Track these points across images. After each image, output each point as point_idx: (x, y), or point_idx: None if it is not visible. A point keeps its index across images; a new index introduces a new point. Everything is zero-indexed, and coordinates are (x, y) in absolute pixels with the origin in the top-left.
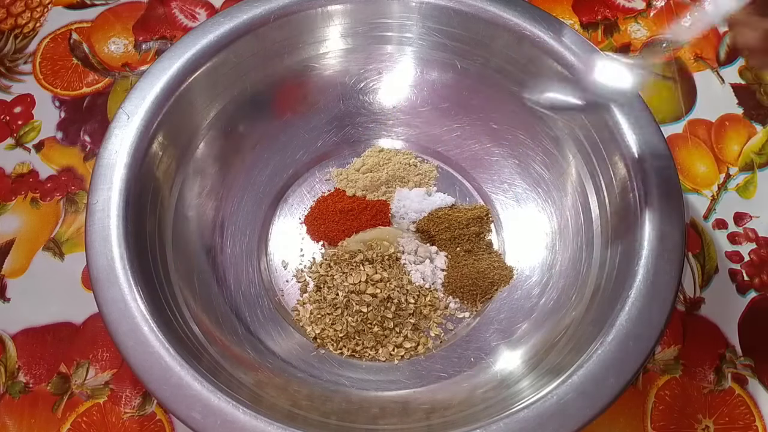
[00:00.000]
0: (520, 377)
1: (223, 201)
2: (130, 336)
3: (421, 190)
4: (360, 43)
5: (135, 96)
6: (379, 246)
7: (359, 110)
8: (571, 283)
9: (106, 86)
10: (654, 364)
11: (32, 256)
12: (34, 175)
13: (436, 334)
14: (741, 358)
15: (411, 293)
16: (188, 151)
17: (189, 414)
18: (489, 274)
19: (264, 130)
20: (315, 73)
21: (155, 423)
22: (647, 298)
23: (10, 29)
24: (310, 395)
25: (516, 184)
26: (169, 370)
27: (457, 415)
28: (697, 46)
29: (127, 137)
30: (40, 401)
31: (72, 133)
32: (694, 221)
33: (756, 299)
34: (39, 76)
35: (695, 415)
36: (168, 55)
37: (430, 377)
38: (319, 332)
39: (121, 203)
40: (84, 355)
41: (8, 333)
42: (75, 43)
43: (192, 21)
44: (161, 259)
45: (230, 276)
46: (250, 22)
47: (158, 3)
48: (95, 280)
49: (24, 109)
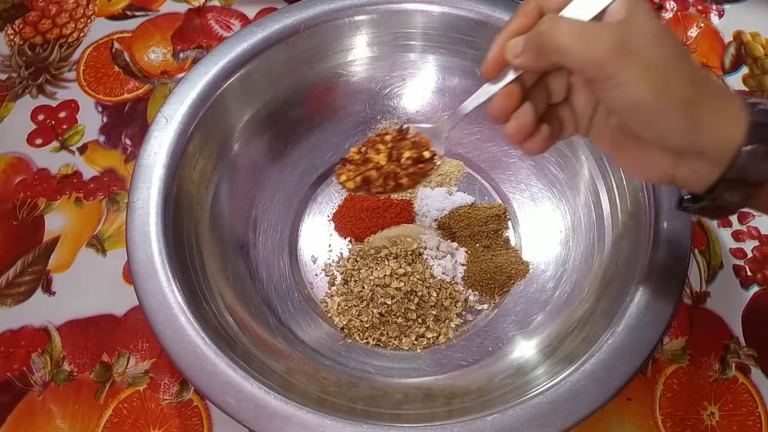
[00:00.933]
0: (535, 365)
1: (255, 199)
2: (168, 326)
3: (443, 190)
4: (385, 51)
5: (173, 101)
6: (403, 242)
7: (384, 114)
8: (583, 277)
9: (146, 92)
10: (662, 354)
11: (76, 252)
12: (78, 176)
13: (456, 324)
14: (744, 348)
15: (433, 286)
16: (223, 152)
17: (224, 399)
18: (506, 269)
19: (294, 133)
20: (343, 80)
21: (192, 409)
22: (656, 292)
23: (56, 39)
24: (338, 382)
25: (532, 184)
26: (204, 358)
27: (475, 401)
28: (702, 54)
29: (166, 139)
30: (84, 389)
31: (114, 136)
32: (700, 219)
33: (759, 293)
34: (83, 83)
35: (701, 402)
36: (204, 63)
37: (450, 365)
38: (346, 323)
39: (160, 201)
40: (125, 345)
41: (54, 324)
42: (117, 52)
43: (227, 31)
44: (197, 254)
45: (262, 270)
46: (282, 32)
47: (195, 14)
48: (135, 273)
49: (68, 114)
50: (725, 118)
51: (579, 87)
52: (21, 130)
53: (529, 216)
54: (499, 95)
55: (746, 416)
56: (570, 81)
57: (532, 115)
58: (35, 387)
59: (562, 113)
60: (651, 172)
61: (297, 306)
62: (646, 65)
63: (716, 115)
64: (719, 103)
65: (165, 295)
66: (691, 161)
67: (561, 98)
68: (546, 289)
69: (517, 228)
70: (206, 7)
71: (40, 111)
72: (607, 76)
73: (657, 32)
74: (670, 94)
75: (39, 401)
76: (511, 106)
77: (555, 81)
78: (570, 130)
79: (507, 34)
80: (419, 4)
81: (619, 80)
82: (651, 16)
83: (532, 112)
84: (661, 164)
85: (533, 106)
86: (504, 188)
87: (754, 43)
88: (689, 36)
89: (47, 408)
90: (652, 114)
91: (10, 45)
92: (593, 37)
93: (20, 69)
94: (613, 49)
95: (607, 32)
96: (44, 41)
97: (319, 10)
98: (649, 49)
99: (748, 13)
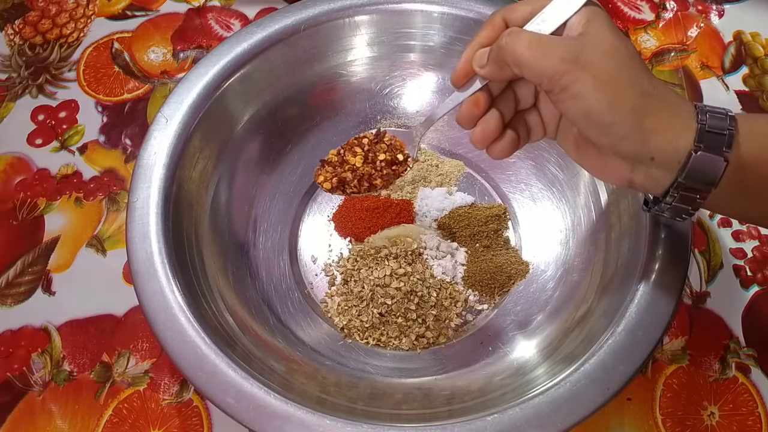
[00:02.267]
0: (535, 365)
1: (256, 199)
2: (168, 326)
3: (443, 190)
4: (385, 51)
5: (173, 101)
6: (403, 242)
7: (384, 114)
8: (583, 278)
9: (146, 92)
10: (662, 354)
11: (76, 252)
12: (78, 176)
13: (456, 324)
14: (744, 348)
15: (433, 286)
16: (223, 152)
17: (224, 399)
18: (506, 269)
19: (295, 133)
20: (343, 80)
21: (192, 409)
22: (655, 292)
23: (56, 39)
24: (338, 382)
25: (532, 184)
26: (204, 358)
27: (475, 401)
28: (702, 54)
29: (166, 139)
30: (84, 389)
31: (114, 136)
32: (700, 219)
33: (759, 293)
34: (83, 82)
35: (701, 402)
36: (204, 63)
37: (450, 365)
38: (346, 323)
39: (160, 201)
40: (125, 345)
41: (54, 324)
42: (117, 52)
43: (227, 31)
44: (197, 254)
45: (262, 270)
46: (282, 32)
47: (195, 14)
48: (135, 273)
49: (68, 114)
50: (675, 125)
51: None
52: (21, 130)
53: (529, 216)
54: (466, 102)
55: (746, 416)
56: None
57: (497, 122)
58: (35, 387)
59: (530, 119)
60: (611, 176)
61: (297, 306)
62: (598, 77)
63: (666, 123)
64: (670, 111)
65: (165, 295)
66: (645, 167)
67: (529, 104)
68: (546, 289)
69: (517, 228)
70: (206, 7)
71: (40, 111)
72: (562, 87)
73: (612, 45)
74: (621, 104)
75: (39, 401)
76: (477, 113)
77: (522, 89)
78: (538, 135)
79: (475, 44)
80: (419, 4)
81: (573, 91)
82: (608, 29)
83: (497, 119)
84: (618, 169)
85: (499, 113)
86: (504, 188)
87: (754, 43)
88: (689, 36)
89: (47, 408)
90: (604, 123)
91: (10, 45)
92: (548, 50)
93: (20, 69)
94: (566, 62)
95: (562, 46)
96: (44, 41)
97: (319, 10)
98: (602, 61)
99: (748, 13)
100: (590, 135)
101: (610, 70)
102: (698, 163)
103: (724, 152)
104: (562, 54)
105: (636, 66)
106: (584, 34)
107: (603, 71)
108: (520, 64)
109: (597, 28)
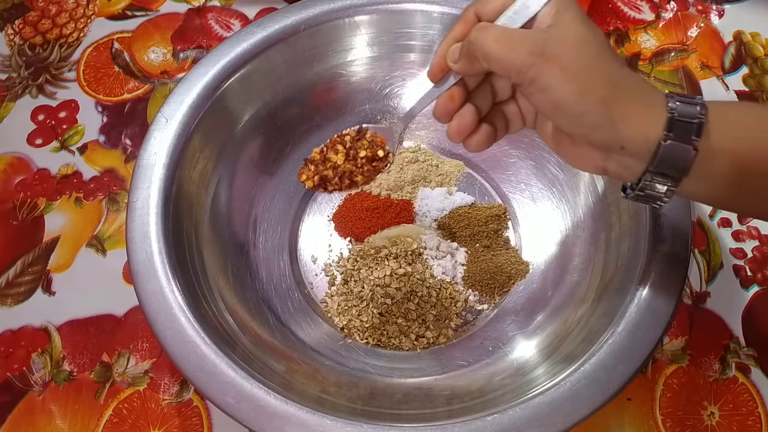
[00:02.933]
0: (535, 365)
1: (256, 200)
2: (168, 326)
3: (443, 190)
4: (385, 51)
5: (173, 101)
6: (403, 242)
7: (384, 114)
8: (583, 278)
9: (146, 92)
10: (662, 354)
11: (76, 252)
12: (78, 176)
13: (456, 324)
14: (744, 348)
15: (433, 286)
16: (223, 152)
17: (224, 399)
18: (506, 269)
19: (295, 133)
20: (343, 80)
21: (192, 409)
22: (655, 292)
23: (56, 39)
24: (338, 382)
25: (532, 184)
26: (204, 358)
27: (475, 401)
28: (702, 54)
29: (166, 139)
30: (84, 389)
31: (114, 136)
32: (700, 219)
33: (759, 293)
34: (83, 82)
35: (701, 402)
36: (204, 63)
37: (450, 365)
38: (346, 323)
39: (160, 201)
40: (125, 345)
41: (53, 324)
42: (117, 52)
43: (227, 31)
44: (197, 254)
45: (262, 270)
46: (282, 32)
47: (195, 14)
48: (135, 273)
49: (68, 114)
50: (645, 114)
51: None
52: (21, 130)
53: (529, 216)
54: (442, 97)
55: (746, 416)
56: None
57: (472, 116)
58: (35, 387)
59: (508, 110)
60: (586, 165)
61: (297, 306)
62: (566, 69)
63: (636, 112)
64: (639, 100)
65: (165, 295)
66: (617, 155)
67: (507, 96)
68: (546, 289)
69: (517, 228)
70: (206, 7)
71: (40, 111)
72: (530, 80)
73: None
74: (590, 95)
75: (39, 401)
76: (453, 108)
77: (499, 81)
78: (517, 126)
79: (449, 40)
80: (419, 4)
81: (541, 84)
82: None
83: (472, 112)
84: (592, 158)
85: (475, 107)
86: (504, 188)
87: (754, 43)
88: (689, 36)
89: (47, 408)
90: (574, 114)
91: (10, 45)
92: (516, 44)
93: (20, 69)
94: (533, 54)
95: (530, 39)
96: (44, 41)
97: (319, 10)
98: (570, 53)
99: (748, 13)
100: (562, 125)
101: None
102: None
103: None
104: (529, 47)
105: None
106: (553, 25)
107: (571, 63)
108: (489, 59)
109: (566, 19)
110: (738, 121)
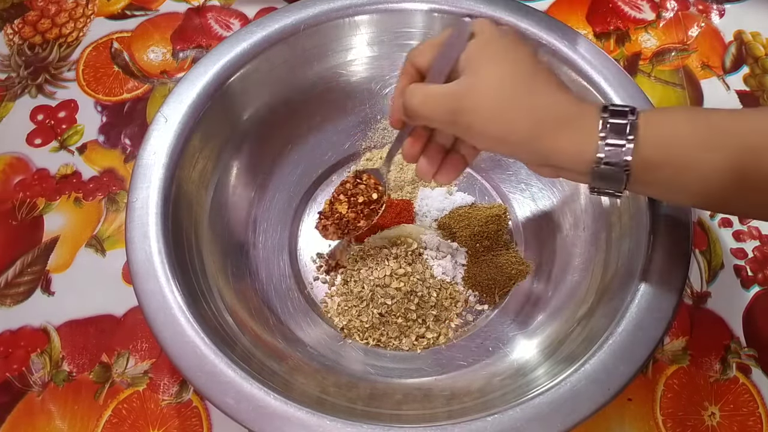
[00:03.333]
0: (535, 366)
1: (255, 200)
2: (168, 326)
3: (443, 190)
4: (385, 50)
5: (173, 101)
6: (403, 242)
7: (384, 114)
8: (583, 278)
9: (146, 92)
10: (663, 355)
11: (75, 252)
12: (78, 176)
13: (457, 325)
14: (745, 349)
15: (433, 287)
16: (223, 152)
17: (223, 400)
18: (507, 269)
19: (295, 133)
20: (343, 79)
21: (192, 409)
22: (656, 292)
23: (55, 39)
24: (338, 382)
25: (532, 184)
26: (204, 358)
27: (475, 401)
28: (703, 54)
29: (165, 139)
30: (83, 389)
31: (113, 136)
32: (701, 220)
33: (759, 293)
34: (82, 82)
35: (702, 402)
36: (204, 62)
37: (450, 366)
38: (346, 323)
39: (159, 201)
40: (124, 345)
41: (53, 325)
42: (116, 52)
43: (226, 31)
44: (197, 254)
45: (262, 270)
46: (282, 31)
47: (195, 14)
48: (135, 273)
49: (68, 114)
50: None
51: None
52: (20, 130)
53: (530, 216)
54: (406, 143)
55: (747, 416)
56: None
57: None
58: (34, 387)
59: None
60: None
61: (297, 306)
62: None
63: (566, 142)
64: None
65: (164, 296)
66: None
67: None
68: (546, 289)
69: (517, 228)
70: (206, 7)
71: (39, 111)
72: (459, 132)
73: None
74: (514, 135)
75: (38, 401)
76: (416, 151)
77: None
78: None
79: (398, 93)
80: (419, 4)
81: (471, 133)
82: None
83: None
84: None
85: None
86: (504, 188)
87: (755, 42)
88: (690, 36)
89: (46, 408)
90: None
91: (9, 45)
92: (436, 104)
93: (19, 69)
94: (453, 112)
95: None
96: (43, 41)
97: (319, 9)
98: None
99: (748, 12)
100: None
101: (497, 105)
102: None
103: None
104: (447, 105)
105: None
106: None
107: (489, 110)
108: (419, 119)
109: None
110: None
